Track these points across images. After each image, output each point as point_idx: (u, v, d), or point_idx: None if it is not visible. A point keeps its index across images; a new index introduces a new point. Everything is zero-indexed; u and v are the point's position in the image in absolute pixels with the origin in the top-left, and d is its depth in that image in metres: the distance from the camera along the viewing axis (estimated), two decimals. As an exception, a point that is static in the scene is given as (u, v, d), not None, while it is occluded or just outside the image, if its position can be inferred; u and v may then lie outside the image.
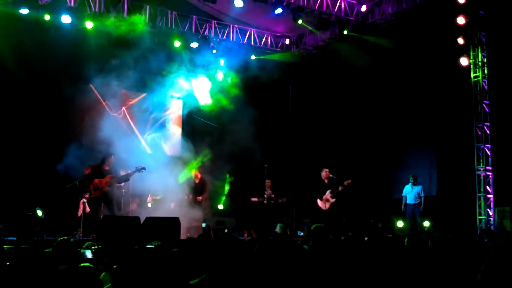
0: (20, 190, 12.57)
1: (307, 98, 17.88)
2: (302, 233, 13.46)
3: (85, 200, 12.28)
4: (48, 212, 11.37)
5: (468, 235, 7.34)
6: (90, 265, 4.83)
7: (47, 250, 5.77)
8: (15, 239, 9.14)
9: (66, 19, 13.90)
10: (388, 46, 14.85)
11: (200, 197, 13.55)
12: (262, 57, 17.41)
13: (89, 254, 5.55)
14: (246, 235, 10.62)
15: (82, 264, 4.89)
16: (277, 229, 11.05)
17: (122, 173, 12.47)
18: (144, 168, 12.19)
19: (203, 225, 12.27)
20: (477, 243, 6.12)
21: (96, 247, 5.23)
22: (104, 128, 13.04)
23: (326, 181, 13.51)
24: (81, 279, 4.38)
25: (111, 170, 11.96)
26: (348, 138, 16.09)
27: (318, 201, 13.46)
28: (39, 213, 10.74)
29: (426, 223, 13.25)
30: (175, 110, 16.92)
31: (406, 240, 5.78)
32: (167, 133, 16.74)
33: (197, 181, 13.69)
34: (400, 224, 13.25)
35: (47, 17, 13.82)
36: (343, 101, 16.31)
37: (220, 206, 14.80)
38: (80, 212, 12.12)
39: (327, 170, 13.55)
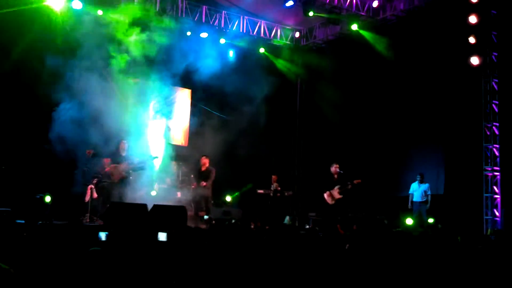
0: (29, 174, 12.62)
1: (316, 93, 17.85)
2: (308, 226, 13.51)
3: (92, 186, 12.31)
4: (57, 197, 11.42)
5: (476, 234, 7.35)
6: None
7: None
8: (23, 222, 9.19)
9: (77, 4, 13.90)
10: (385, 57, 14.92)
11: (205, 183, 13.52)
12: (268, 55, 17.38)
13: (103, 236, 5.59)
14: (252, 226, 10.65)
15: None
16: (286, 221, 11.09)
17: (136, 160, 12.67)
18: (157, 157, 12.37)
19: (205, 217, 12.34)
20: (485, 242, 6.15)
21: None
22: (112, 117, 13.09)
23: (335, 176, 13.45)
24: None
25: (127, 156, 12.14)
26: (356, 135, 16.08)
27: (325, 195, 13.43)
28: (48, 198, 10.79)
29: (431, 220, 13.26)
30: (182, 99, 16.93)
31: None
32: (174, 123, 16.75)
33: (203, 168, 13.65)
34: (409, 221, 13.20)
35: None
36: (352, 96, 16.28)
37: (228, 198, 14.80)
38: (87, 198, 12.16)
39: (337, 165, 13.48)
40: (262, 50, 17.19)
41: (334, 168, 13.48)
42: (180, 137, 16.86)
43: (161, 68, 14.79)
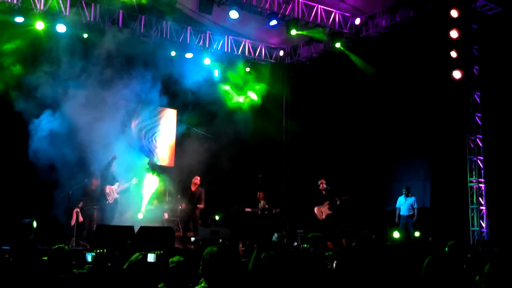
0: (12, 199, 12.50)
1: (301, 109, 17.98)
2: (296, 243, 13.49)
3: (78, 210, 12.22)
4: (42, 222, 11.31)
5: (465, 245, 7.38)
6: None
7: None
8: (8, 248, 9.07)
9: (61, 28, 13.90)
10: (369, 73, 15.14)
11: (202, 206, 13.45)
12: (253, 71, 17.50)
13: (89, 257, 5.54)
14: (241, 245, 10.60)
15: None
16: (274, 239, 11.05)
17: (121, 182, 12.67)
18: (116, 157, 12.39)
19: (192, 238, 12.29)
20: (475, 253, 6.17)
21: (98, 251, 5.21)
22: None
23: (323, 192, 13.77)
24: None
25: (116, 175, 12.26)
26: (342, 150, 16.17)
27: (316, 210, 13.69)
28: (34, 223, 10.68)
29: (417, 234, 13.32)
30: (169, 120, 16.94)
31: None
32: (160, 143, 16.74)
33: (194, 188, 13.53)
34: (396, 235, 13.31)
35: (40, 26, 13.75)
36: (337, 112, 16.43)
37: (216, 218, 14.73)
38: (73, 222, 12.06)
39: (323, 181, 13.81)
40: (247, 69, 17.26)
41: (321, 184, 13.77)
42: (166, 157, 16.82)
43: (146, 89, 14.85)
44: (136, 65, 14.47)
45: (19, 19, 13.43)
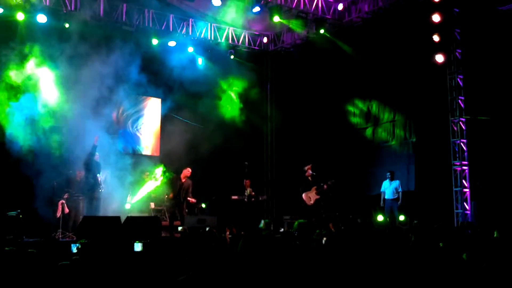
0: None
1: (286, 96, 18.01)
2: (283, 230, 13.58)
3: (63, 201, 12.14)
4: (27, 214, 11.22)
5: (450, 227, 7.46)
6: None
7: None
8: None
9: (41, 18, 13.72)
10: (348, 51, 15.20)
11: (194, 200, 13.48)
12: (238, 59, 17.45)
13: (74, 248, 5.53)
14: (228, 233, 10.63)
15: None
16: (261, 225, 11.11)
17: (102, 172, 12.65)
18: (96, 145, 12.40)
19: (179, 228, 12.29)
20: (459, 234, 6.25)
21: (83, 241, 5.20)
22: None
23: (309, 178, 13.93)
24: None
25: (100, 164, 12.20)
26: (326, 135, 16.25)
27: (304, 196, 13.86)
28: (18, 215, 10.59)
29: (402, 217, 13.44)
30: (153, 109, 16.85)
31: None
32: (144, 132, 16.66)
33: (183, 180, 13.47)
34: (380, 218, 13.47)
35: (21, 17, 13.58)
36: (321, 98, 16.48)
37: (202, 205, 14.75)
38: (59, 213, 11.98)
39: (309, 167, 13.97)
40: (232, 57, 17.18)
41: (307, 170, 13.92)
42: (151, 146, 16.76)
43: (129, 78, 14.75)
44: (118, 54, 14.31)
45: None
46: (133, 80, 14.93)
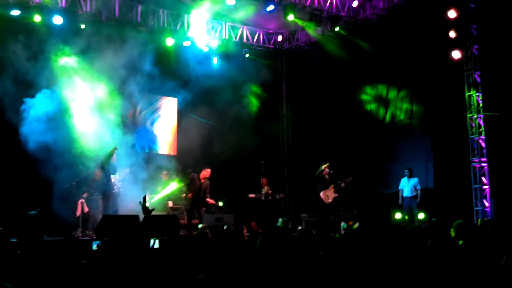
0: (18, 191, 12.51)
1: (301, 94, 17.98)
2: (300, 227, 13.58)
3: (83, 200, 12.26)
4: (47, 213, 11.33)
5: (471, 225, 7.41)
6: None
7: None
8: (15, 240, 9.10)
9: (58, 20, 13.83)
10: (364, 48, 15.09)
11: (213, 201, 13.62)
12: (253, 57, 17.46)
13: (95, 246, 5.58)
14: (245, 231, 10.63)
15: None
16: (279, 223, 11.11)
17: (120, 171, 12.69)
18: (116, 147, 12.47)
19: (200, 225, 12.33)
20: (481, 232, 6.21)
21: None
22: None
23: (327, 176, 13.94)
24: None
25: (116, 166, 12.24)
26: (343, 133, 16.19)
27: (322, 194, 13.89)
28: (38, 214, 10.70)
29: (421, 215, 13.36)
30: (169, 108, 16.92)
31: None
32: (161, 131, 16.73)
33: (202, 181, 13.57)
34: (397, 216, 13.39)
35: (37, 18, 13.70)
36: (336, 96, 16.41)
37: (220, 204, 14.77)
38: (78, 212, 12.11)
39: (326, 166, 13.98)
40: (246, 55, 17.20)
41: (324, 169, 13.94)
42: (168, 146, 16.83)
43: (145, 77, 14.84)
44: (134, 54, 14.40)
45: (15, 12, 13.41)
46: (149, 79, 15.02)
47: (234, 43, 16.91)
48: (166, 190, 14.35)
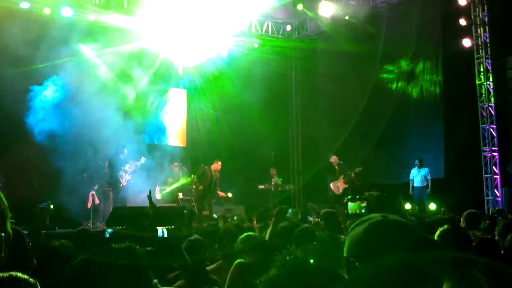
0: (30, 183, 12.57)
1: (311, 84, 17.88)
2: (311, 218, 13.54)
3: (94, 192, 12.34)
4: (59, 205, 11.43)
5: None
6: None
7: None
8: (27, 232, 9.18)
9: (67, 11, 13.84)
10: (372, 32, 14.97)
11: (223, 193, 13.72)
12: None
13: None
14: (255, 222, 10.66)
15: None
16: (289, 214, 11.11)
17: (130, 163, 12.69)
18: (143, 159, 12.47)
19: (215, 215, 12.40)
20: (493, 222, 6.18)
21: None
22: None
23: (336, 167, 13.94)
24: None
25: (126, 160, 12.16)
26: (352, 123, 16.07)
27: (332, 185, 13.90)
28: (51, 207, 10.80)
29: (432, 206, 13.27)
30: (178, 100, 16.93)
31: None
32: (171, 123, 16.75)
33: (213, 173, 13.62)
34: (407, 206, 13.30)
35: (47, 11, 13.70)
36: (346, 85, 16.27)
37: (229, 195, 14.79)
38: (90, 204, 12.19)
39: (335, 156, 13.96)
40: (255, 45, 17.14)
41: (333, 160, 13.93)
42: (178, 138, 16.85)
43: (154, 69, 14.85)
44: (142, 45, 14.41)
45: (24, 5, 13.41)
46: (158, 71, 15.04)
47: (242, 34, 16.82)
48: (178, 182, 14.40)
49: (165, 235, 6.32)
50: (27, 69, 12.60)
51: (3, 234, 1.74)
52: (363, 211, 5.88)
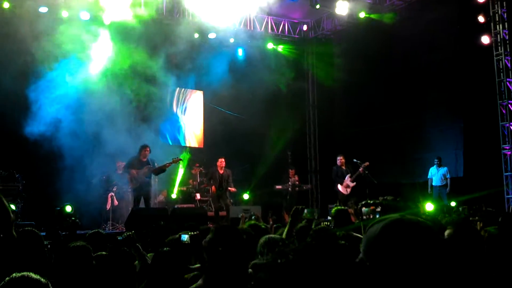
0: (49, 185, 12.68)
1: (328, 83, 17.78)
2: (330, 218, 13.46)
3: (113, 194, 12.42)
4: (77, 207, 11.49)
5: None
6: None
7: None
8: (44, 234, 9.26)
9: (84, 15, 13.97)
10: (389, 30, 14.82)
11: (234, 189, 13.60)
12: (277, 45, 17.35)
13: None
14: (271, 222, 10.65)
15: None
16: (305, 214, 11.05)
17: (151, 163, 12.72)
18: (180, 159, 12.39)
19: (240, 215, 12.39)
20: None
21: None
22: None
23: (343, 167, 13.86)
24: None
25: (148, 161, 12.03)
26: (370, 121, 15.95)
27: (339, 186, 13.81)
28: (68, 208, 10.87)
29: (453, 204, 13.10)
30: (195, 101, 16.98)
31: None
32: (188, 124, 16.80)
33: (221, 172, 13.59)
34: (429, 207, 13.09)
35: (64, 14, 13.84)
36: (364, 84, 16.15)
37: (246, 196, 14.74)
38: (108, 206, 12.27)
39: (341, 156, 13.94)
40: (270, 45, 17.12)
41: (339, 160, 13.89)
42: (195, 139, 16.90)
43: (172, 71, 14.91)
44: (159, 48, 14.48)
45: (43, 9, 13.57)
46: (175, 73, 15.11)
47: (259, 34, 16.82)
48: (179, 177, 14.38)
49: (188, 242, 6.29)
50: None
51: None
52: (377, 216, 5.83)
